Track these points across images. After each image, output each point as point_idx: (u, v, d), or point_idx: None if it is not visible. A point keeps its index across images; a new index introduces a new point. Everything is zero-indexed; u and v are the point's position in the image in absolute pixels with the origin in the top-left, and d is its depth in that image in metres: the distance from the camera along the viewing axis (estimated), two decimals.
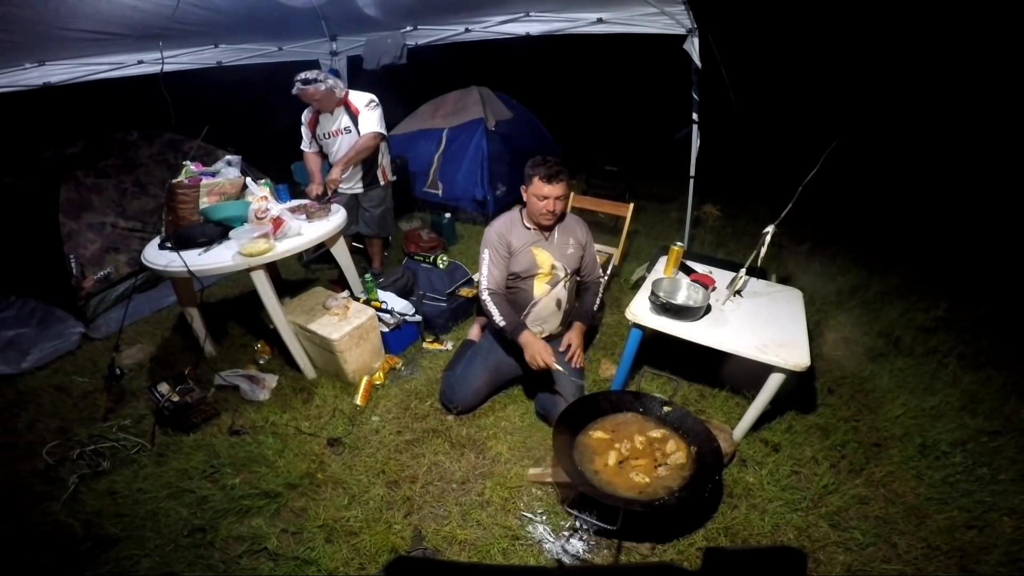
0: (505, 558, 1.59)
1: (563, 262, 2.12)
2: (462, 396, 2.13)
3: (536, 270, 2.09)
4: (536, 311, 2.14)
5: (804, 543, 1.64)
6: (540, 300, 2.12)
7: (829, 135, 2.02)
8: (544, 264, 2.09)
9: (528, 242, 2.09)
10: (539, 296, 2.12)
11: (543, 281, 2.11)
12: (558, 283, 2.12)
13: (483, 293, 2.09)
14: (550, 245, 2.11)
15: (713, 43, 2.82)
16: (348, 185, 2.99)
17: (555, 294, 2.12)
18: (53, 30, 2.48)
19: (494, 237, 2.08)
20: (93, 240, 2.83)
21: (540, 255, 2.09)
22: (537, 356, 1.91)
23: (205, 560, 1.60)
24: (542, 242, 2.10)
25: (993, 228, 3.98)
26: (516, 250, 2.08)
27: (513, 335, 2.00)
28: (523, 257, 2.09)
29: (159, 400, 2.06)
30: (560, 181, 1.97)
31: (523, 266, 2.09)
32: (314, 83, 2.62)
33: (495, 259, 2.08)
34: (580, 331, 2.16)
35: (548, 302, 2.13)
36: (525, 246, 2.09)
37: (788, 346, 1.76)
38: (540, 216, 2.03)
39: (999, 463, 1.91)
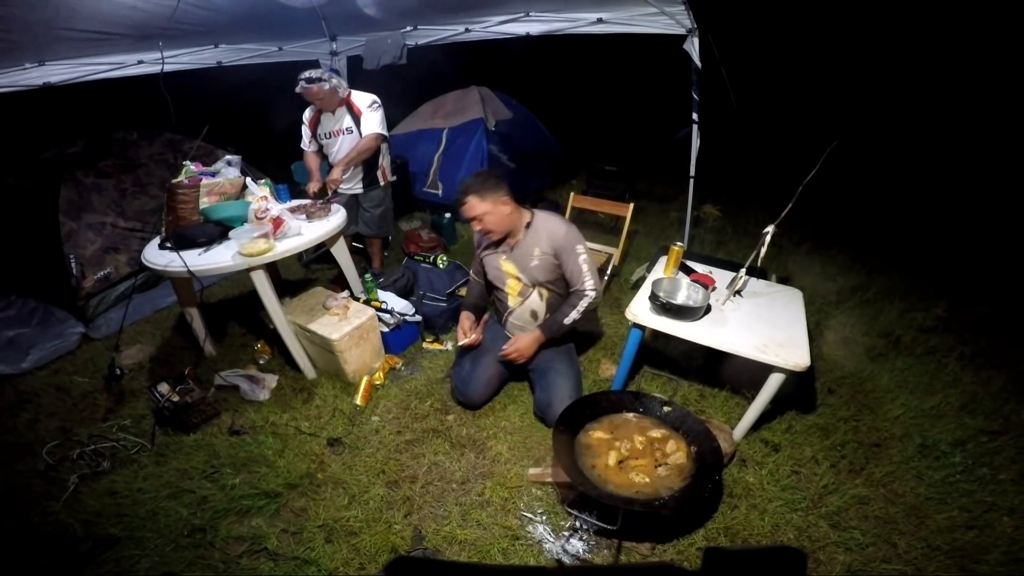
0: (505, 558, 1.59)
1: (527, 275, 2.04)
2: (475, 389, 2.14)
3: (505, 280, 2.10)
4: (513, 319, 2.18)
5: (804, 543, 1.64)
6: (515, 310, 2.14)
7: (829, 135, 2.02)
8: (510, 273, 2.08)
9: (491, 252, 2.11)
10: (513, 306, 2.14)
11: (514, 292, 2.11)
12: (528, 295, 2.08)
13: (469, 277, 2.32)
14: (514, 256, 2.05)
15: (713, 43, 2.82)
16: (348, 185, 2.99)
17: (528, 305, 2.10)
18: (53, 30, 2.48)
19: (476, 240, 2.17)
20: (93, 240, 2.83)
21: (505, 266, 2.08)
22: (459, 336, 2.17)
23: (205, 560, 1.60)
24: (506, 253, 2.06)
25: (993, 228, 3.98)
26: (484, 256, 2.14)
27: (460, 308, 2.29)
28: (491, 264, 2.12)
29: (159, 400, 2.06)
30: (462, 205, 1.91)
31: (492, 275, 2.14)
32: (318, 82, 2.62)
33: (476, 255, 2.22)
34: (535, 338, 2.04)
35: (522, 312, 2.13)
36: (491, 255, 2.11)
37: (788, 346, 1.76)
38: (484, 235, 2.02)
39: (999, 463, 1.91)
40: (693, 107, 3.06)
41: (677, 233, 3.89)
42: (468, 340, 2.16)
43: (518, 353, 2.07)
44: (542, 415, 2.08)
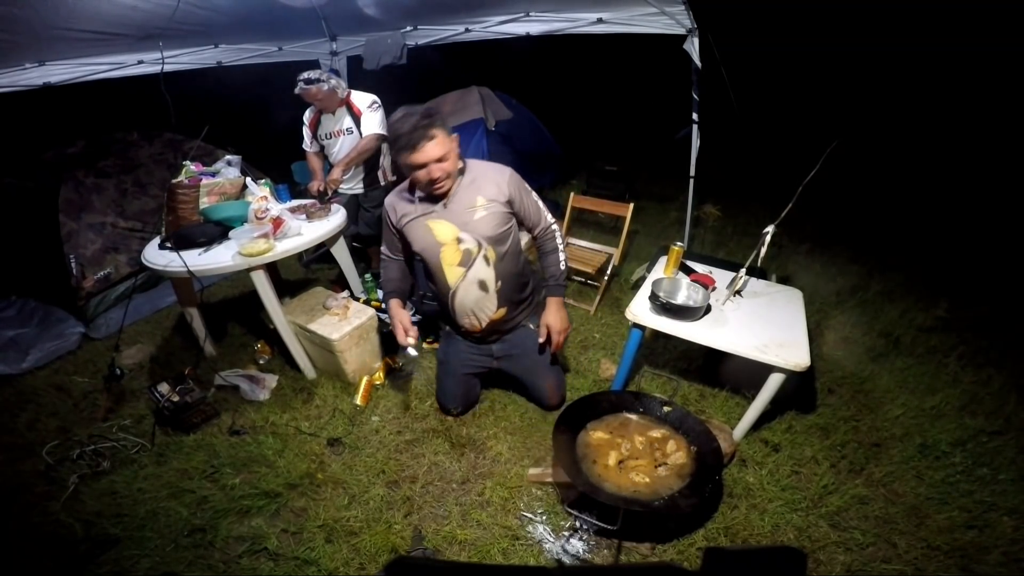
0: (505, 558, 1.59)
1: (471, 231, 1.68)
2: (448, 403, 2.13)
3: (439, 249, 1.70)
4: (459, 303, 1.80)
5: (804, 543, 1.64)
6: (456, 289, 1.75)
7: (829, 135, 2.02)
8: (446, 238, 1.68)
9: (416, 215, 1.70)
10: (454, 284, 1.74)
11: (452, 263, 1.71)
12: (473, 262, 1.71)
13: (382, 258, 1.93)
14: (449, 213, 1.68)
15: (713, 43, 2.81)
16: (349, 186, 2.99)
17: (474, 276, 1.74)
18: (53, 30, 2.48)
19: (385, 214, 1.80)
20: (93, 240, 2.83)
21: (437, 228, 1.68)
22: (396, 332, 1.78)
23: (205, 560, 1.60)
24: (435, 212, 1.69)
25: (993, 228, 3.98)
26: (408, 226, 1.72)
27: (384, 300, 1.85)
28: (417, 234, 1.70)
29: (159, 400, 2.06)
30: (429, 140, 1.51)
31: (421, 245, 1.71)
32: (317, 83, 2.62)
33: (387, 232, 1.84)
34: (558, 307, 1.88)
35: (468, 289, 1.76)
36: (417, 220, 1.70)
37: (788, 346, 1.76)
38: (430, 188, 1.62)
39: (999, 463, 1.91)
40: (693, 107, 3.06)
41: (677, 233, 3.89)
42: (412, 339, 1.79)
43: (563, 333, 1.88)
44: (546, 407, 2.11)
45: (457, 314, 1.85)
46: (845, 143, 2.02)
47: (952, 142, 5.28)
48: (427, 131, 1.50)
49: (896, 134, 5.62)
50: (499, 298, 1.82)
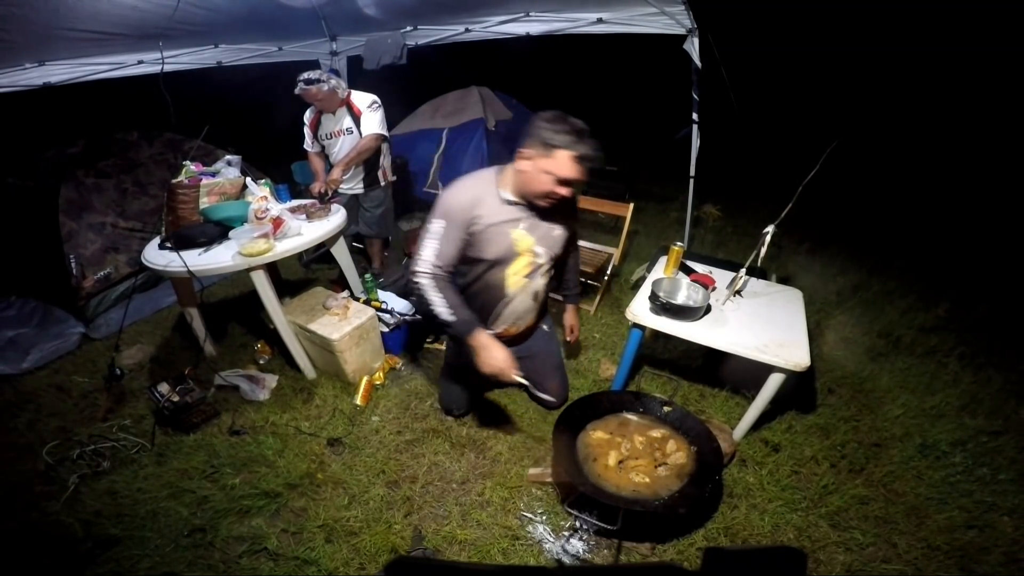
0: (505, 558, 1.59)
1: (546, 246, 1.67)
2: (453, 407, 2.13)
3: (513, 259, 1.64)
4: (510, 309, 1.76)
5: (804, 543, 1.64)
6: (515, 296, 1.72)
7: (829, 135, 2.02)
8: (524, 248, 1.64)
9: (505, 220, 1.58)
10: (513, 292, 1.71)
11: (519, 273, 1.67)
12: (537, 272, 1.71)
13: (421, 275, 1.55)
14: (534, 225, 1.63)
15: (713, 43, 2.82)
16: (349, 185, 2.99)
17: (532, 287, 1.73)
18: (53, 30, 2.48)
19: (457, 208, 1.55)
20: (93, 240, 2.83)
21: (521, 240, 1.62)
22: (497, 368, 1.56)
23: (205, 560, 1.60)
24: (524, 221, 1.61)
25: (993, 228, 3.98)
26: (487, 230, 1.57)
27: (464, 334, 1.57)
28: (497, 239, 1.59)
29: (159, 400, 2.06)
30: (589, 169, 1.49)
31: (497, 251, 1.60)
32: (317, 83, 2.62)
33: (451, 234, 1.55)
34: (575, 311, 2.11)
35: (524, 298, 1.74)
36: (499, 225, 1.58)
37: (788, 346, 1.76)
38: (540, 198, 1.53)
39: (999, 463, 1.91)
40: (693, 107, 3.07)
41: (677, 233, 3.90)
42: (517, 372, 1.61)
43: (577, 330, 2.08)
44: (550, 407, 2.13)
45: (501, 320, 1.78)
46: (845, 143, 2.02)
47: (952, 142, 5.28)
48: (595, 162, 1.48)
49: (896, 134, 5.62)
50: (539, 309, 1.90)
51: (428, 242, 1.56)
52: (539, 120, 1.47)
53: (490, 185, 1.60)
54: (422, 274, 1.56)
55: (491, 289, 1.70)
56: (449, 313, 1.55)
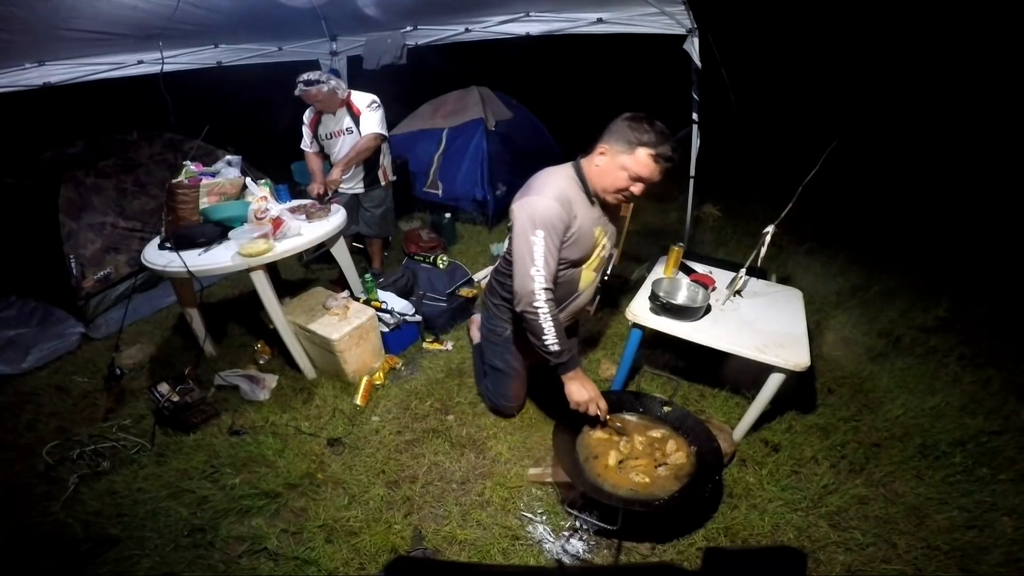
0: (505, 558, 1.59)
1: (611, 240, 1.75)
2: (509, 407, 2.11)
3: (592, 255, 1.66)
4: (575, 304, 1.78)
5: (804, 543, 1.64)
6: (584, 291, 1.75)
7: (829, 135, 2.02)
8: (599, 246, 1.68)
9: (594, 219, 1.60)
10: (584, 287, 1.74)
11: (592, 267, 1.70)
12: (602, 266, 1.77)
13: (538, 297, 1.47)
14: (606, 221, 1.67)
15: (713, 43, 2.82)
16: (349, 185, 2.99)
17: (596, 280, 1.80)
18: (53, 30, 2.48)
19: (557, 212, 1.45)
20: (93, 240, 2.83)
21: (600, 234, 1.64)
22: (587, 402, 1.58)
23: (205, 560, 1.60)
24: (603, 218, 1.64)
25: (993, 228, 3.98)
26: (580, 231, 1.54)
27: (567, 366, 1.55)
28: (586, 240, 1.58)
29: (159, 400, 2.06)
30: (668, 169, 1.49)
31: (583, 251, 1.60)
32: (316, 84, 2.62)
33: (553, 245, 1.47)
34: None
35: (589, 292, 1.79)
36: (589, 225, 1.58)
37: (788, 346, 1.76)
38: (617, 196, 1.53)
39: (999, 463, 1.91)
40: (693, 107, 3.06)
41: (677, 233, 3.89)
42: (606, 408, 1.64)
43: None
44: None
45: (564, 314, 1.76)
46: (845, 143, 2.02)
47: (952, 142, 5.28)
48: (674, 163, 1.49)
49: (896, 134, 5.62)
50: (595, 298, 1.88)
51: (537, 256, 1.45)
52: (621, 119, 1.50)
53: (576, 184, 1.57)
54: (542, 294, 1.47)
55: (566, 285, 1.68)
56: (556, 343, 1.52)
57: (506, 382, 2.03)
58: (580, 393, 1.57)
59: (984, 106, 5.31)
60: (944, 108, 5.55)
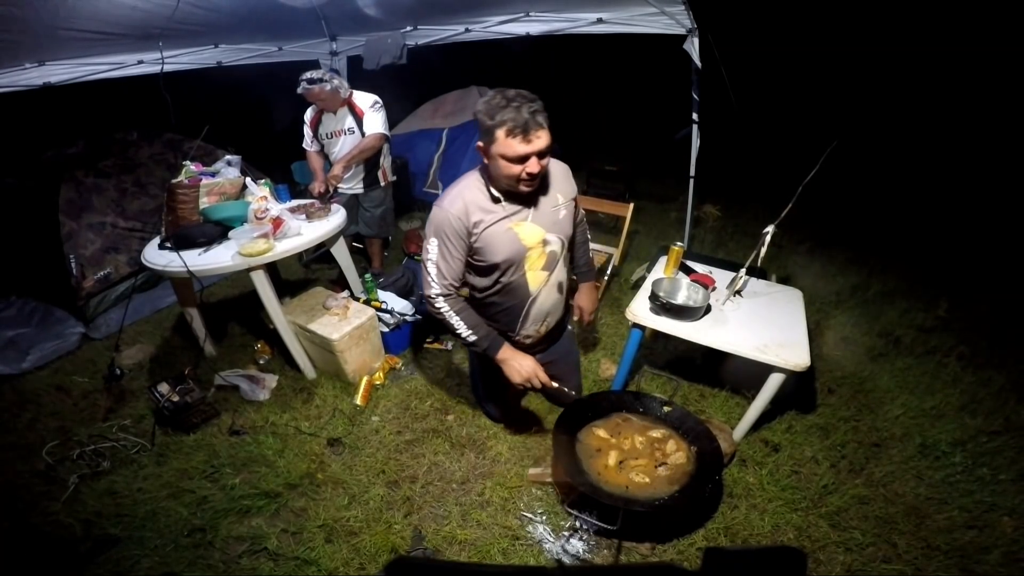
0: (505, 558, 1.59)
1: (556, 231, 1.56)
2: (495, 414, 2.12)
3: (525, 254, 1.52)
4: (537, 309, 1.64)
5: (804, 543, 1.64)
6: (539, 293, 1.60)
7: (829, 135, 2.02)
8: (533, 241, 1.52)
9: (503, 217, 1.47)
10: (536, 290, 1.59)
11: (536, 267, 1.56)
12: (556, 262, 1.60)
13: (435, 300, 1.51)
14: (535, 214, 1.51)
15: (713, 43, 2.81)
16: (349, 185, 2.99)
17: (555, 278, 1.63)
18: (53, 30, 2.48)
19: (449, 219, 1.44)
20: (93, 240, 2.83)
21: (524, 231, 1.50)
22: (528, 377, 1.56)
23: (205, 560, 1.60)
24: (521, 213, 1.49)
25: (993, 228, 3.98)
26: (485, 232, 1.46)
27: (489, 351, 1.56)
28: (499, 240, 1.48)
29: (159, 400, 2.06)
30: (541, 127, 1.31)
31: (506, 253, 1.49)
32: (319, 83, 2.62)
33: (449, 251, 1.47)
34: (590, 292, 1.94)
35: (549, 292, 1.63)
36: (498, 224, 1.47)
37: (788, 346, 1.76)
38: (516, 183, 1.39)
39: (999, 463, 1.91)
40: (693, 107, 3.06)
41: (677, 233, 3.89)
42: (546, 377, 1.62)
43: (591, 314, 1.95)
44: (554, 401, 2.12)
45: (530, 321, 1.66)
46: (845, 143, 2.02)
47: (951, 142, 5.27)
48: (540, 117, 1.31)
49: (896, 134, 5.62)
50: (565, 301, 1.77)
51: (430, 266, 1.49)
52: (477, 106, 1.36)
53: (477, 186, 1.49)
54: (438, 298, 1.51)
55: (515, 291, 1.59)
56: (470, 333, 1.54)
57: (490, 388, 2.05)
58: (518, 372, 1.56)
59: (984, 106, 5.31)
60: (944, 108, 5.55)
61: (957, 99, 5.56)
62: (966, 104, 5.46)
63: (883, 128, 5.68)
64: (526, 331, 1.69)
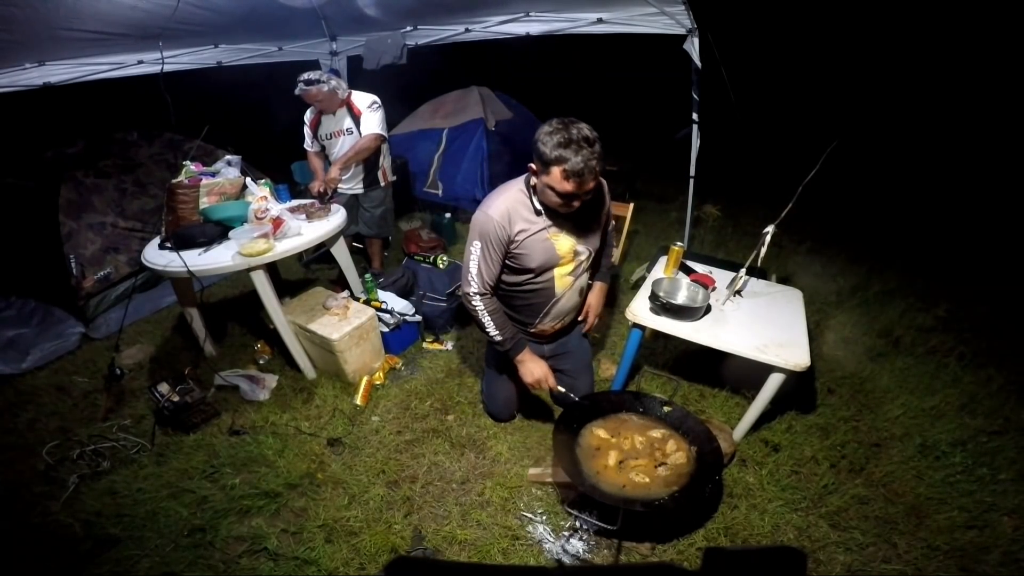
0: (505, 558, 1.59)
1: (586, 244, 1.70)
2: (497, 410, 2.13)
3: (557, 261, 1.66)
4: (558, 308, 1.79)
5: (804, 543, 1.64)
6: (563, 295, 1.76)
7: (829, 135, 2.02)
8: (566, 251, 1.66)
9: (543, 228, 1.61)
10: (562, 292, 1.74)
11: (565, 272, 1.70)
12: (581, 269, 1.75)
13: (472, 298, 1.66)
14: (572, 227, 1.65)
15: (713, 43, 2.82)
16: (348, 185, 2.99)
17: (579, 283, 1.78)
18: (53, 30, 2.48)
19: (493, 226, 1.57)
20: (93, 240, 2.83)
21: (560, 241, 1.64)
22: (539, 379, 1.74)
23: (205, 560, 1.60)
24: (561, 225, 1.63)
25: (993, 228, 3.98)
26: (527, 242, 1.61)
27: (513, 352, 1.74)
28: (537, 249, 1.61)
29: (159, 400, 2.06)
30: (594, 174, 1.42)
31: (540, 260, 1.63)
32: (317, 84, 2.62)
33: (490, 255, 1.60)
34: (602, 292, 1.96)
35: (571, 295, 1.79)
36: (539, 234, 1.60)
37: (788, 346, 1.76)
38: (561, 208, 1.54)
39: (999, 463, 1.91)
40: (693, 107, 3.06)
41: (677, 233, 3.90)
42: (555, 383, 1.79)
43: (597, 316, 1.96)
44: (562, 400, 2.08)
45: (549, 318, 1.82)
46: (845, 143, 2.02)
47: (952, 142, 5.28)
48: (596, 164, 1.41)
49: (896, 134, 5.62)
50: (583, 303, 1.92)
51: (472, 266, 1.64)
52: (539, 132, 1.43)
53: (521, 197, 1.61)
54: (475, 296, 1.66)
55: (541, 292, 1.74)
56: (498, 333, 1.71)
57: (495, 383, 2.07)
58: (531, 374, 1.76)
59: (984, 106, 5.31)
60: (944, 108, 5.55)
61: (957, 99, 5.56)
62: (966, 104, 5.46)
63: (883, 128, 5.68)
64: (543, 325, 1.85)
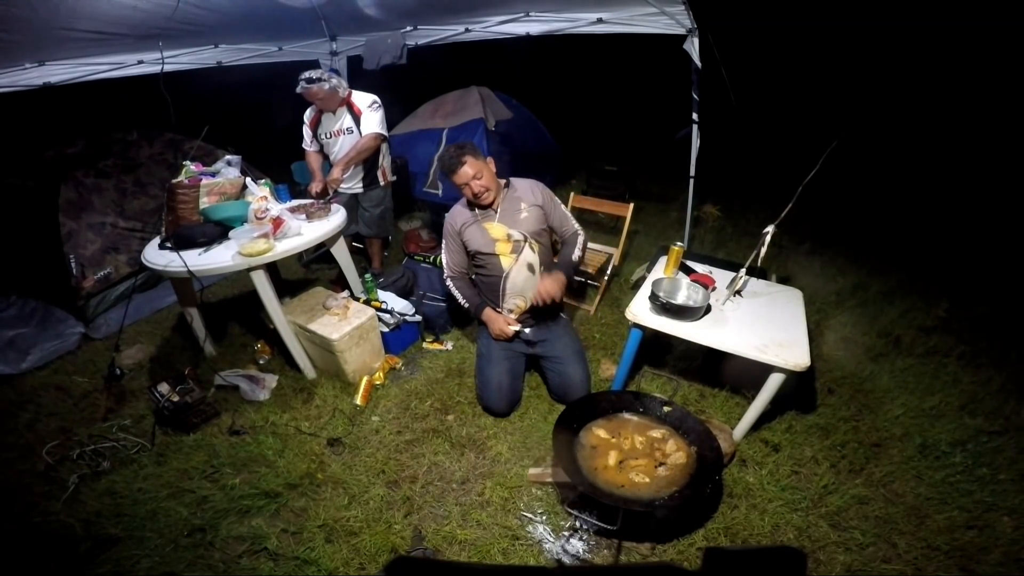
0: (505, 558, 1.59)
1: (518, 228, 2.10)
2: (489, 399, 2.14)
3: (494, 244, 2.10)
4: (511, 283, 2.14)
5: (804, 543, 1.64)
6: (510, 271, 2.12)
7: (829, 135, 2.02)
8: (499, 235, 2.10)
9: (473, 220, 2.14)
10: (507, 267, 2.12)
11: (505, 252, 2.11)
12: (522, 249, 2.10)
13: (447, 280, 2.25)
14: (501, 216, 2.12)
15: (713, 43, 2.82)
16: (348, 185, 2.99)
17: (524, 260, 2.11)
18: (53, 30, 2.48)
19: (448, 225, 2.20)
20: (93, 240, 2.83)
21: (492, 228, 2.11)
22: (501, 330, 2.13)
23: (205, 560, 1.60)
24: (489, 216, 2.12)
25: (993, 228, 3.97)
26: (466, 231, 2.14)
27: (476, 313, 2.20)
28: (475, 235, 2.12)
29: (159, 400, 2.06)
30: (462, 165, 2.00)
31: (479, 243, 2.12)
32: (318, 82, 2.62)
33: (450, 246, 2.21)
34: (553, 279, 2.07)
35: (520, 270, 2.11)
36: (474, 225, 2.13)
37: (788, 346, 1.76)
38: (476, 200, 2.08)
39: (999, 463, 1.91)
40: (693, 107, 3.06)
41: (677, 233, 3.89)
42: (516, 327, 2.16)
43: (548, 294, 2.03)
44: (560, 399, 2.19)
45: (508, 295, 2.16)
46: (845, 143, 2.02)
47: (952, 142, 5.28)
48: (459, 158, 2.01)
49: (896, 134, 5.62)
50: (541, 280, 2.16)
51: (444, 257, 2.25)
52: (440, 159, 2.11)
53: (463, 202, 2.20)
54: (447, 278, 2.25)
55: (492, 269, 2.14)
56: (465, 301, 2.22)
57: (487, 369, 2.16)
58: (494, 327, 2.16)
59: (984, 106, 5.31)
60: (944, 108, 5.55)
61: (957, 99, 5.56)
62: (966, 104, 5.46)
63: (883, 128, 5.68)
64: (507, 304, 2.18)
